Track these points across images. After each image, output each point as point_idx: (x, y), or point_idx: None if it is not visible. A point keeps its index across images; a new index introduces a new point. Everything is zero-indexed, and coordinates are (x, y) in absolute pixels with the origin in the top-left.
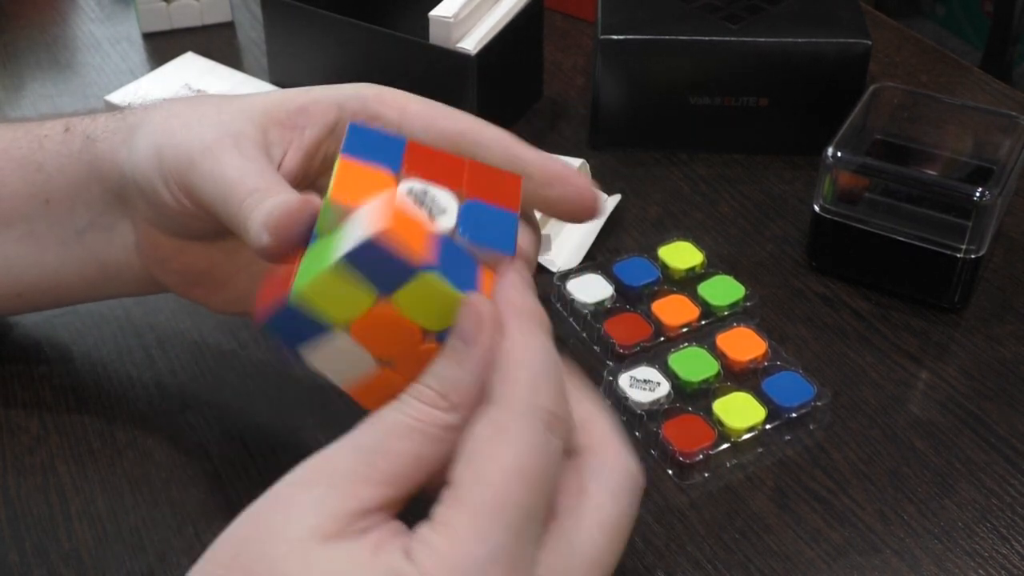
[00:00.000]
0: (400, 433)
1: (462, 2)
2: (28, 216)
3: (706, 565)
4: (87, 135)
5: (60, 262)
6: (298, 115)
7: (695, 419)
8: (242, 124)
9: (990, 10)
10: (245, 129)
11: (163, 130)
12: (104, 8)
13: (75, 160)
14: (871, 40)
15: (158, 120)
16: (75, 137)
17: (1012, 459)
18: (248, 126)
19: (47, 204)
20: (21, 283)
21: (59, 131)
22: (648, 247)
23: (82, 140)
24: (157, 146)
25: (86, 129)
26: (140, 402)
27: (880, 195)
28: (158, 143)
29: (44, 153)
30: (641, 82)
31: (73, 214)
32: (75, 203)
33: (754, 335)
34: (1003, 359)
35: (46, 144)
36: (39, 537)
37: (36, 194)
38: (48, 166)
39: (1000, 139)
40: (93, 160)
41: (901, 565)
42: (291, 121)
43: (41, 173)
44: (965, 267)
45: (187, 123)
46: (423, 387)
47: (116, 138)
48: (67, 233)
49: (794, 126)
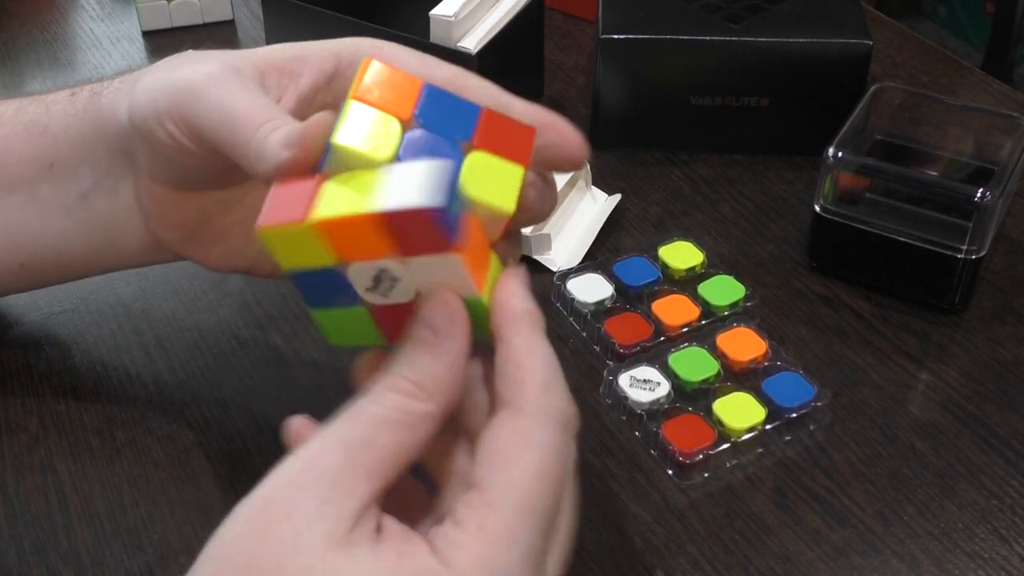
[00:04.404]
0: (383, 426)
1: (463, 1)
2: (32, 180)
3: (705, 565)
4: (92, 91)
5: (63, 228)
6: (295, 62)
7: (695, 419)
8: (242, 64)
9: (991, 11)
10: (244, 68)
11: (165, 67)
12: (104, 6)
13: (80, 118)
14: (872, 40)
15: (160, 65)
16: (80, 97)
17: (1012, 460)
18: (247, 67)
19: (51, 168)
20: (24, 252)
21: (66, 95)
22: (648, 247)
23: (87, 97)
24: (156, 81)
25: (92, 87)
26: (139, 401)
27: (881, 195)
28: (158, 79)
29: (50, 116)
30: (642, 82)
31: (77, 176)
32: (79, 164)
33: (754, 335)
34: (1003, 360)
35: (52, 107)
36: (38, 535)
37: (41, 157)
38: (53, 127)
39: (1001, 140)
40: (97, 115)
41: (901, 566)
42: (288, 67)
43: (46, 135)
44: (966, 268)
45: (189, 59)
46: (400, 379)
47: (119, 92)
48: (70, 197)
49: (795, 126)
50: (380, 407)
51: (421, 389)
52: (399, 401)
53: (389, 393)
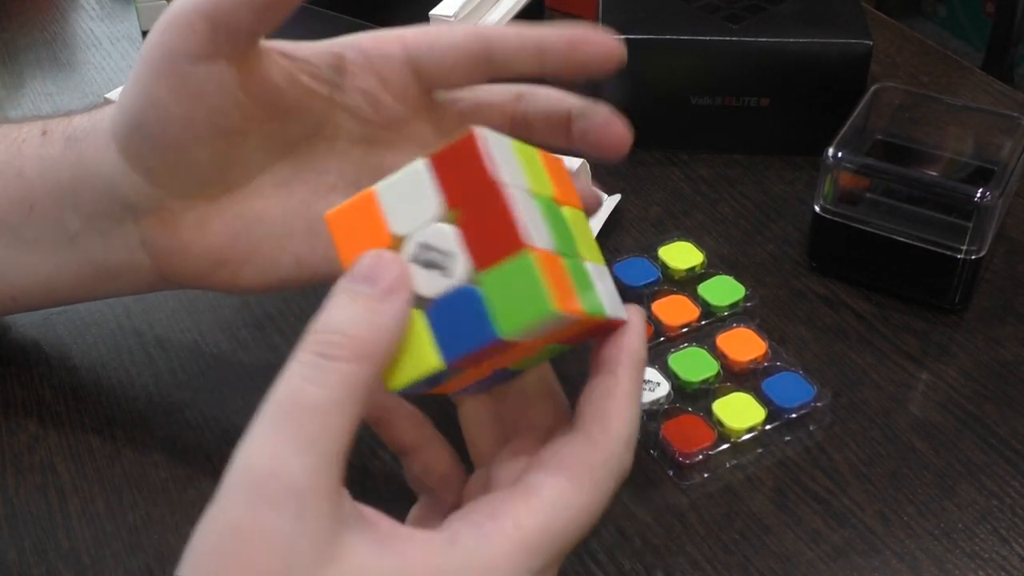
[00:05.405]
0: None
1: (463, 1)
2: (12, 223)
3: (705, 565)
4: (67, 136)
5: (53, 266)
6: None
7: (695, 419)
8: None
9: (991, 11)
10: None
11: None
12: (104, 6)
13: (56, 164)
14: (872, 40)
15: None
16: (54, 140)
17: (1012, 460)
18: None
19: (31, 210)
20: (14, 288)
21: (36, 134)
22: (648, 247)
23: (62, 143)
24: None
25: (64, 131)
26: (139, 401)
27: (881, 196)
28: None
29: (23, 159)
30: (642, 82)
31: (62, 220)
32: (62, 209)
33: (754, 335)
34: (1004, 360)
35: (24, 149)
36: (38, 536)
37: (19, 200)
38: (28, 171)
39: (1001, 140)
40: (78, 162)
41: (901, 566)
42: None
43: (21, 179)
44: (966, 268)
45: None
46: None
47: (102, 135)
48: (58, 238)
49: (795, 126)
50: (321, 388)
51: (357, 354)
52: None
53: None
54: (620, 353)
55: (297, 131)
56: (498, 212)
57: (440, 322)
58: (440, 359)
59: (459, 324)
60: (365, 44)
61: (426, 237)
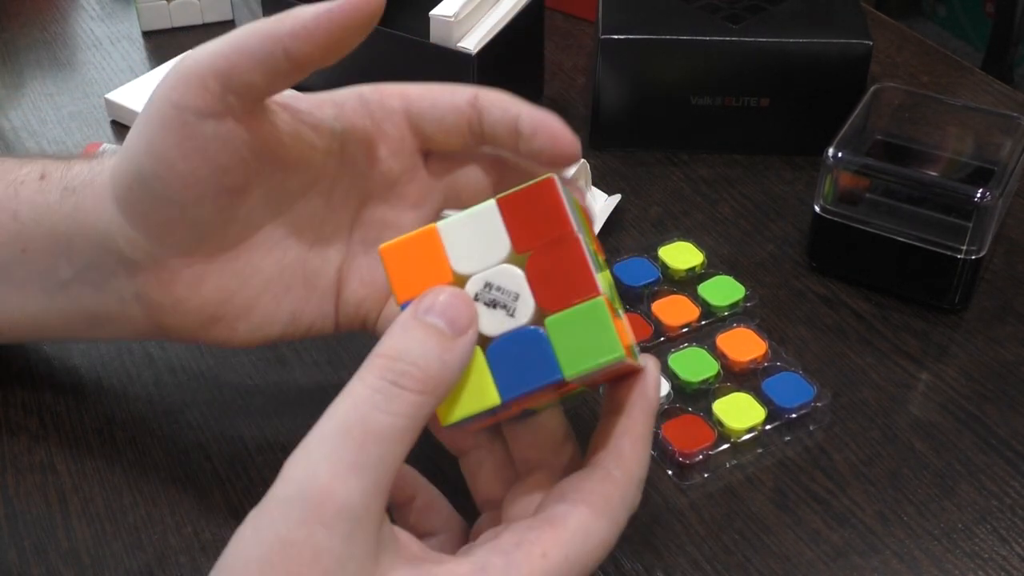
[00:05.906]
0: (395, 439)
1: (463, 1)
2: (3, 262)
3: (705, 565)
4: (64, 186)
5: (42, 308)
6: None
7: (695, 419)
8: None
9: (991, 11)
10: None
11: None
12: (104, 6)
13: (52, 212)
14: (872, 40)
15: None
16: (51, 186)
17: (1012, 461)
18: None
19: (24, 253)
20: (4, 324)
21: (35, 178)
22: (648, 247)
23: (60, 191)
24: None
25: (63, 178)
26: (139, 401)
27: (881, 196)
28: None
29: (19, 201)
30: (642, 82)
31: (55, 267)
32: (55, 256)
33: (754, 335)
34: (1004, 360)
35: (21, 191)
36: (38, 536)
37: (12, 242)
38: (23, 214)
39: (1001, 140)
40: (74, 214)
41: (901, 566)
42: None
43: (16, 221)
44: (966, 268)
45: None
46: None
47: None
48: (49, 284)
49: (795, 126)
50: (389, 416)
51: (426, 387)
52: (411, 407)
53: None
54: (637, 397)
55: (296, 185)
56: (573, 258)
57: (501, 361)
58: (498, 396)
59: (522, 363)
60: (367, 95)
61: (492, 277)
